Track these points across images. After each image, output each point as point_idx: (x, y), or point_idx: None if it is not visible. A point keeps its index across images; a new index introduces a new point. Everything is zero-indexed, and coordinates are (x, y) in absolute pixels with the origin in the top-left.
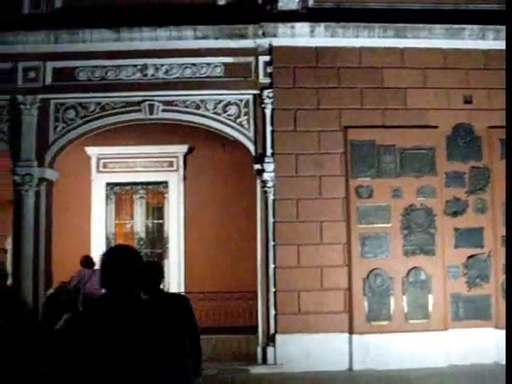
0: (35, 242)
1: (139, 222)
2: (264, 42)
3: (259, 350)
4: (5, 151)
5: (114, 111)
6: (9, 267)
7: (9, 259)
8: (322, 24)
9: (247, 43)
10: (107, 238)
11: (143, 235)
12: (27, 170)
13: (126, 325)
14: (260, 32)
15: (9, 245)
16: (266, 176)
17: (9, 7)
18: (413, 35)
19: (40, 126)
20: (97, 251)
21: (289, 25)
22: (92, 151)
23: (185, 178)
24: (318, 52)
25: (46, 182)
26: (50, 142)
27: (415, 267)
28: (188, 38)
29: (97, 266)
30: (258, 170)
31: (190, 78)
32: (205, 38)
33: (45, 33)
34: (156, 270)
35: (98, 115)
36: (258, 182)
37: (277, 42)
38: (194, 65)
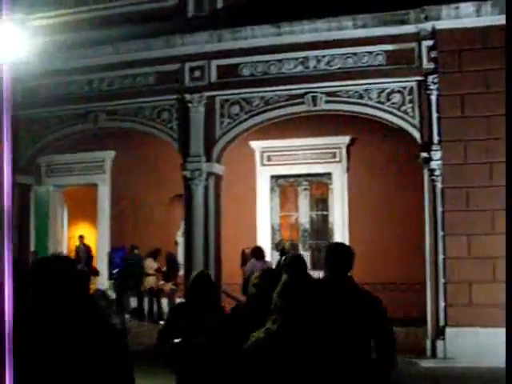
0: (205, 234)
1: (303, 214)
2: (426, 26)
3: (428, 342)
4: (175, 148)
5: (278, 105)
6: (180, 259)
7: (180, 251)
8: (489, 2)
9: (409, 29)
10: (272, 230)
11: (307, 226)
12: (196, 165)
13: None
14: (422, 16)
15: (179, 237)
16: (433, 164)
17: (174, 12)
18: None
19: (207, 122)
20: (263, 243)
21: (453, 6)
22: (256, 145)
23: (348, 169)
24: (485, 32)
25: (214, 176)
26: (217, 137)
27: None
28: (348, 27)
29: (267, 258)
30: (424, 158)
31: (352, 67)
32: (364, 26)
33: (208, 33)
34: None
35: (262, 109)
36: (425, 170)
37: (440, 24)
38: (355, 54)
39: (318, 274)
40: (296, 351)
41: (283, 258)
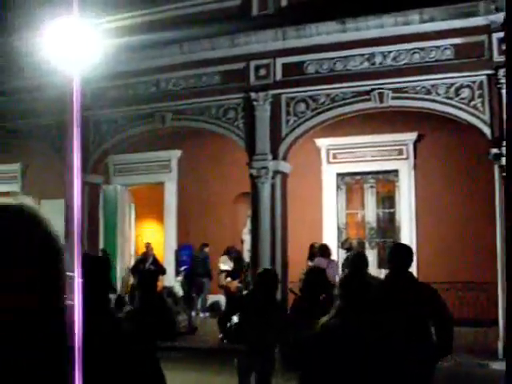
0: (272, 232)
1: (370, 212)
2: (497, 18)
3: (500, 344)
4: (241, 146)
5: (344, 102)
6: (245, 257)
7: (245, 249)
8: None
9: (478, 21)
10: (338, 228)
11: (374, 225)
12: (262, 164)
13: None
14: (492, 7)
15: (245, 235)
16: (504, 160)
17: (239, 12)
18: None
19: (272, 120)
20: (329, 241)
21: None
22: (321, 142)
23: (415, 166)
24: None
25: (280, 174)
26: (283, 135)
27: None
28: (414, 22)
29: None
30: (495, 154)
31: (419, 63)
32: (432, 20)
33: (273, 31)
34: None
35: (327, 107)
36: (496, 167)
37: None
38: (422, 49)
39: (384, 273)
40: (353, 337)
41: (347, 255)
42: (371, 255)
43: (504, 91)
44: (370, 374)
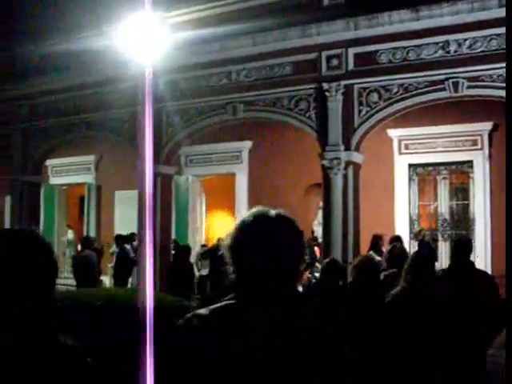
0: (344, 223)
1: (443, 203)
2: None
3: None
4: (312, 137)
5: (417, 91)
6: (316, 248)
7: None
8: None
9: None
10: (410, 219)
11: (447, 216)
12: (335, 154)
13: None
14: None
15: (315, 226)
16: None
17: (310, 2)
18: None
19: (345, 111)
20: (401, 232)
21: None
22: (393, 133)
23: (490, 157)
24: None
25: (353, 164)
26: (355, 126)
27: None
28: (492, 7)
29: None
30: None
31: (496, 50)
32: None
33: (344, 21)
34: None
35: (400, 97)
36: None
37: None
38: (499, 35)
39: None
40: (419, 306)
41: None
42: (444, 247)
43: None
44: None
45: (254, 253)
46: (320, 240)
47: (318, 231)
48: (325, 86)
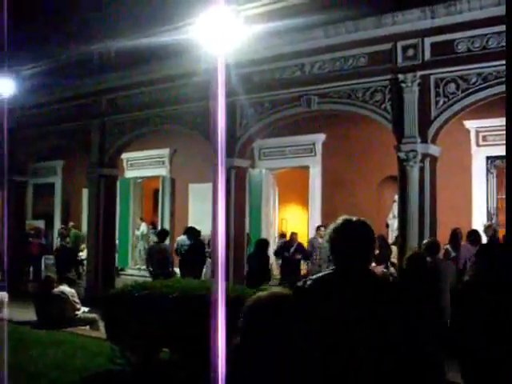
0: (420, 217)
1: None
2: None
3: None
4: (388, 129)
5: (497, 81)
6: (390, 241)
7: (390, 233)
8: None
9: None
10: (488, 213)
11: None
12: (411, 147)
13: None
14: None
15: (390, 220)
16: None
17: None
18: None
19: (421, 102)
20: (478, 227)
21: None
22: (470, 124)
23: None
24: None
25: (430, 157)
26: (432, 117)
27: None
28: None
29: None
30: None
31: None
32: None
33: (420, 9)
34: None
35: (479, 87)
36: None
37: None
38: None
39: None
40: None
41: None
42: None
43: None
44: None
45: (343, 244)
46: (393, 234)
47: (393, 225)
48: (400, 77)
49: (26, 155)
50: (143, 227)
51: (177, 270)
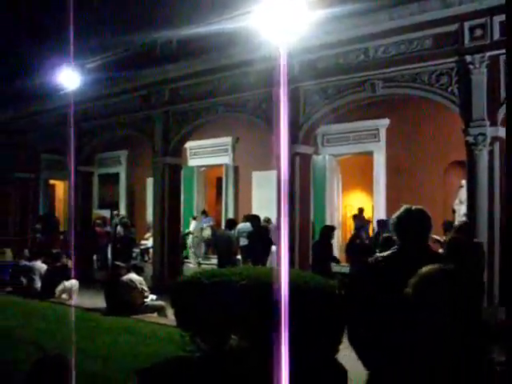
0: (489, 202)
1: None
2: None
3: None
4: (454, 113)
5: None
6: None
7: (456, 219)
8: None
9: None
10: None
11: None
12: (480, 130)
13: None
14: None
15: (457, 205)
16: None
17: None
18: None
19: (490, 84)
20: None
21: None
22: None
23: None
24: None
25: (499, 140)
26: (502, 99)
27: None
28: None
29: None
30: None
31: None
32: None
33: None
34: None
35: None
36: None
37: None
38: None
39: None
40: None
41: None
42: None
43: None
44: None
45: (406, 228)
46: (461, 218)
47: (460, 210)
48: (468, 58)
49: (92, 146)
50: (193, 225)
51: (239, 257)
